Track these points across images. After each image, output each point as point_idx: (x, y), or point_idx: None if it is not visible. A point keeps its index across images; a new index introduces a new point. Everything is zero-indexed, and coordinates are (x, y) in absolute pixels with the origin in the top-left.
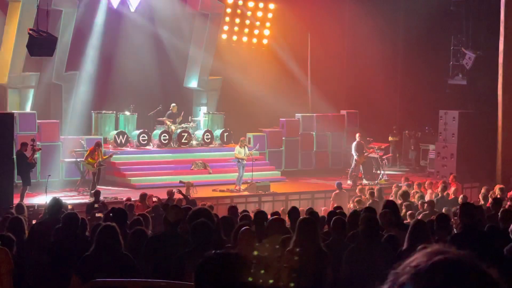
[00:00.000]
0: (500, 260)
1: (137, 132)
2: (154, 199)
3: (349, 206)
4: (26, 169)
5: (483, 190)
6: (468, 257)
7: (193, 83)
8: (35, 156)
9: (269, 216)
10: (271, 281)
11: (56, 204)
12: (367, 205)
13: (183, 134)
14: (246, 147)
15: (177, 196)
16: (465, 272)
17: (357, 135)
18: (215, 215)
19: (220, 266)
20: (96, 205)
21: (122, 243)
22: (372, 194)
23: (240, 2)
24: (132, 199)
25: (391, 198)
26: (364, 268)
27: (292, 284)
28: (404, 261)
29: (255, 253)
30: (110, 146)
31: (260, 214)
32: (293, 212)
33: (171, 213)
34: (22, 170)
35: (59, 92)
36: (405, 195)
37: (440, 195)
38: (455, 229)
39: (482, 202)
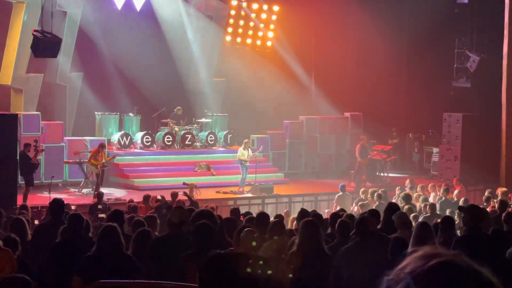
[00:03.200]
0: (504, 262)
1: (141, 133)
2: (158, 197)
3: (353, 209)
4: (29, 170)
5: (486, 193)
6: (461, 258)
7: (197, 85)
8: (39, 157)
9: (271, 219)
10: (269, 271)
11: (59, 205)
12: (373, 207)
13: (186, 135)
14: (249, 149)
15: (181, 197)
16: (462, 273)
17: (362, 138)
18: (219, 216)
19: (224, 266)
20: (99, 206)
21: (123, 243)
22: (379, 196)
23: (244, 4)
24: (135, 201)
25: (393, 201)
26: (358, 270)
27: (290, 275)
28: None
29: (255, 246)
30: (113, 147)
31: (262, 215)
32: (302, 214)
33: (175, 214)
34: (25, 170)
35: (63, 93)
36: (408, 198)
37: (443, 197)
38: (458, 232)
39: (484, 204)
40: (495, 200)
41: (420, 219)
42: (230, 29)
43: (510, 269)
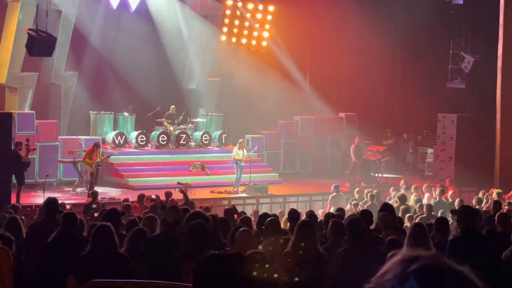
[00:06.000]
0: (498, 263)
1: (136, 133)
2: (153, 196)
3: (347, 209)
4: (21, 168)
5: (480, 194)
6: (440, 260)
7: (192, 85)
8: (30, 156)
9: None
10: (276, 275)
11: (52, 204)
12: (365, 208)
13: (181, 135)
14: (244, 148)
15: (176, 195)
16: (444, 276)
17: (356, 138)
18: (214, 216)
19: (219, 266)
20: (93, 206)
21: (117, 243)
22: (372, 197)
23: (240, 4)
24: (130, 200)
25: (389, 202)
26: (353, 272)
27: (296, 279)
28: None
29: (260, 247)
30: (108, 146)
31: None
32: (292, 214)
33: (170, 214)
34: (17, 169)
35: (58, 92)
36: (403, 199)
37: (438, 198)
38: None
39: (476, 206)
40: (488, 198)
41: (416, 220)
42: (225, 29)
43: (505, 269)
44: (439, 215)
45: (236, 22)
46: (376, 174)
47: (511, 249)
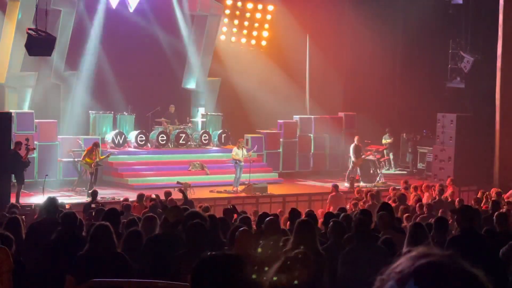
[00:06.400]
0: (497, 263)
1: (135, 132)
2: (153, 196)
3: (347, 209)
4: (20, 168)
5: (479, 194)
6: (452, 259)
7: (191, 84)
8: (33, 155)
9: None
10: (275, 278)
11: (52, 204)
12: (365, 207)
13: (180, 135)
14: (243, 148)
15: (175, 196)
16: (449, 274)
17: (356, 138)
18: (212, 215)
19: (217, 267)
20: (93, 205)
21: (115, 242)
22: (373, 196)
23: (239, 4)
24: (130, 200)
25: (388, 201)
26: (359, 271)
27: (296, 282)
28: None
29: (259, 250)
30: (107, 146)
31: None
32: (293, 213)
33: (171, 214)
34: (16, 169)
35: (57, 92)
36: (403, 198)
37: (437, 198)
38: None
39: (476, 206)
40: (488, 198)
41: (417, 220)
42: (225, 29)
43: (503, 269)
44: (438, 214)
45: (236, 22)
46: (375, 174)
47: (508, 247)
